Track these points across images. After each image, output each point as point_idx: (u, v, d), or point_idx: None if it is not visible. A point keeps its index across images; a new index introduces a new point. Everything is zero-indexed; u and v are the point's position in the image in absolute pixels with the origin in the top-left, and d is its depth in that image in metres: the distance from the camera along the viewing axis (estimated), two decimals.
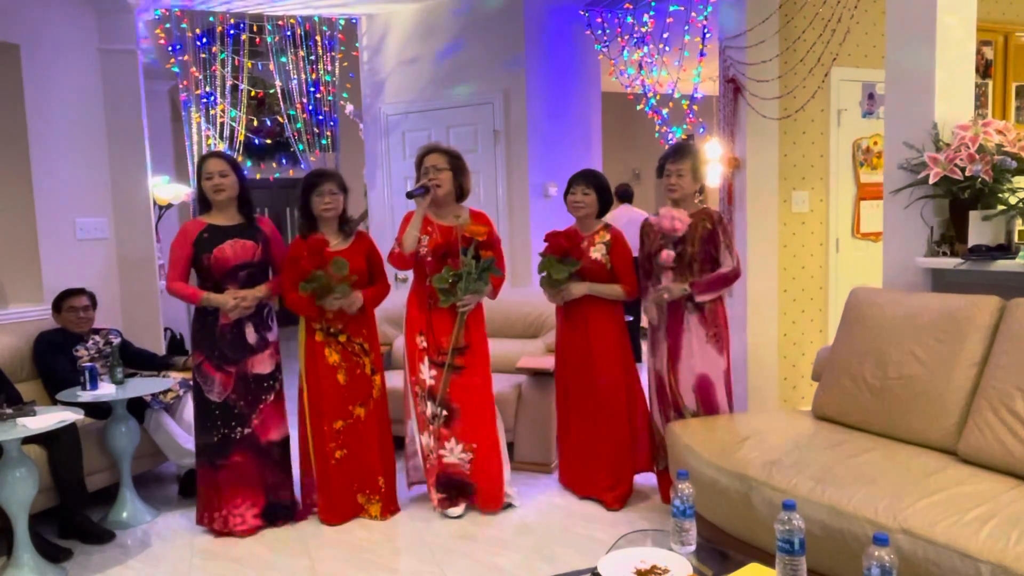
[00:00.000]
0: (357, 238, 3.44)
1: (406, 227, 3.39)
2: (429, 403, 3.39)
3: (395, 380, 3.79)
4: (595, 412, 3.45)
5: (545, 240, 3.54)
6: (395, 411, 3.60)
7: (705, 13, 4.73)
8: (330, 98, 5.96)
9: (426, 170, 3.41)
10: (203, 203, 3.35)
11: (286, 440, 3.45)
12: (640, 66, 5.36)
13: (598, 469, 3.47)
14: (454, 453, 3.38)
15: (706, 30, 4.76)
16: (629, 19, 5.33)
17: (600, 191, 3.47)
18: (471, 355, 3.39)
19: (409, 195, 3.41)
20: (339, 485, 3.38)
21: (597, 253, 3.42)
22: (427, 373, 3.39)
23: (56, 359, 3.69)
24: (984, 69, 4.52)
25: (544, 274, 3.43)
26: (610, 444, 3.44)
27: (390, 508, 3.45)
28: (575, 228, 3.54)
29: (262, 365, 3.33)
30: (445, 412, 3.37)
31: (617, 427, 3.44)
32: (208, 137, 5.81)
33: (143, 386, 3.60)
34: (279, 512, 3.39)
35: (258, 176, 6.84)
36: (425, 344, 3.40)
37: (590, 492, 3.53)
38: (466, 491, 3.42)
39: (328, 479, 3.38)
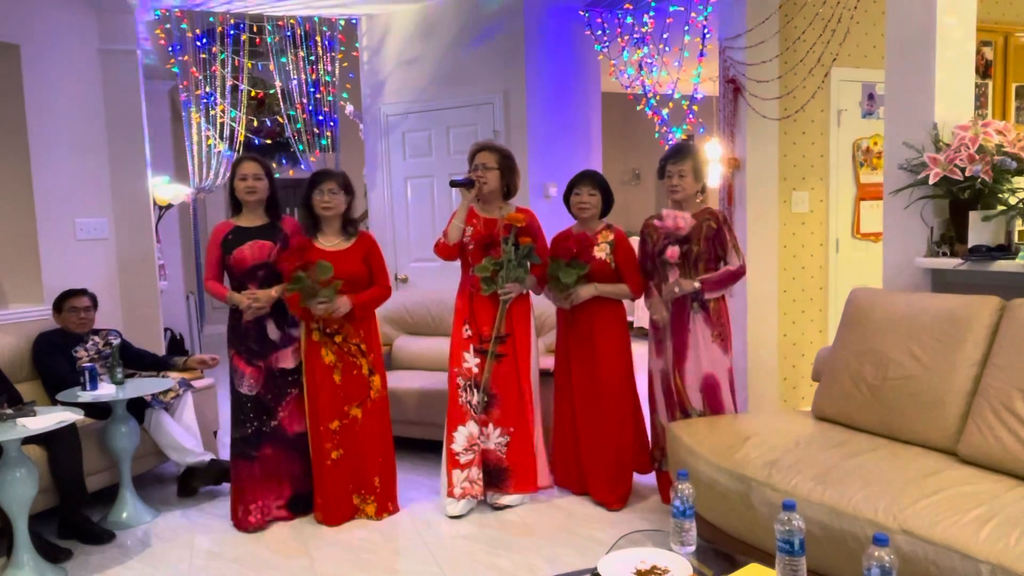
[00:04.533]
0: (359, 239, 3.45)
1: (452, 220, 3.46)
2: (475, 392, 3.43)
3: (394, 381, 3.79)
4: (599, 413, 3.44)
5: (553, 242, 3.56)
6: (394, 412, 3.60)
7: (705, 13, 4.73)
8: (330, 98, 5.96)
9: (475, 167, 3.47)
10: (235, 205, 3.44)
11: (305, 433, 3.49)
12: (640, 66, 5.35)
13: (599, 469, 3.47)
14: (491, 439, 3.43)
15: (706, 30, 4.75)
16: (629, 19, 5.32)
17: (604, 191, 3.49)
18: (512, 343, 3.44)
19: (452, 184, 3.46)
20: (335, 486, 3.38)
21: (601, 253, 3.43)
22: (472, 361, 3.44)
23: (56, 359, 3.69)
24: (984, 69, 4.52)
25: (551, 278, 3.43)
26: (612, 444, 3.44)
27: (387, 508, 3.46)
28: (571, 230, 3.55)
29: (285, 360, 3.41)
30: (486, 399, 3.43)
31: (620, 427, 3.45)
32: (208, 137, 5.81)
33: (143, 386, 3.61)
34: (300, 504, 3.46)
35: None
36: (470, 333, 3.45)
37: (590, 492, 3.53)
38: (503, 476, 3.45)
39: (324, 480, 3.38)
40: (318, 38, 5.84)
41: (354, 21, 5.82)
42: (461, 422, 3.43)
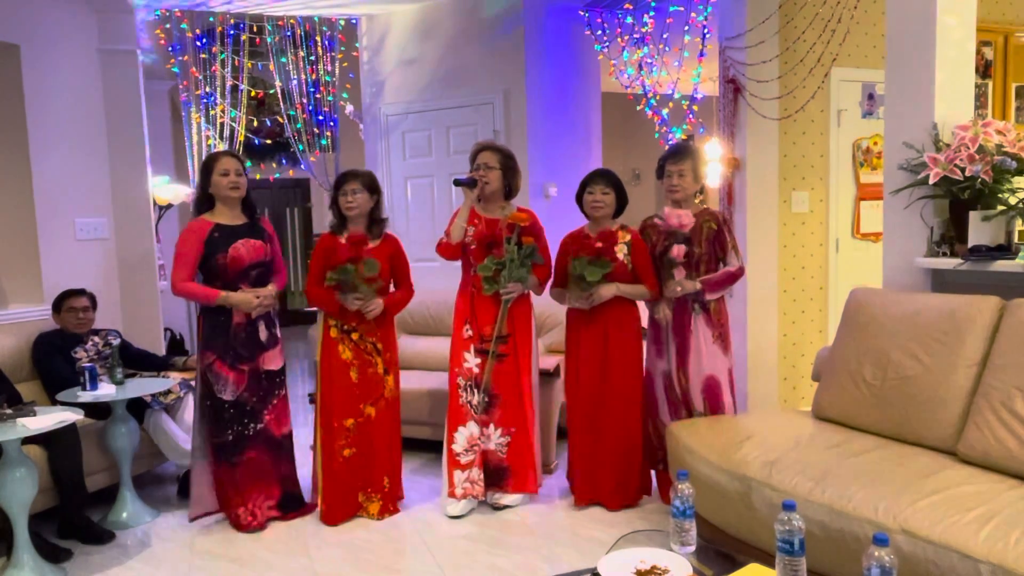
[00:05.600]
0: (384, 240, 3.46)
1: (455, 219, 3.46)
2: (475, 392, 3.43)
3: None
4: (610, 416, 3.39)
5: (565, 242, 3.51)
6: (404, 412, 3.63)
7: (705, 13, 4.73)
8: (330, 98, 5.96)
9: (477, 167, 3.48)
10: (202, 202, 3.33)
11: (291, 433, 3.51)
12: (640, 66, 5.35)
13: (605, 472, 3.42)
14: (492, 439, 3.43)
15: (706, 30, 4.75)
16: (629, 19, 5.32)
17: (618, 190, 3.43)
18: (513, 343, 3.44)
19: (456, 183, 3.47)
20: (343, 484, 3.39)
21: (620, 254, 3.37)
22: (472, 361, 3.44)
23: (55, 360, 3.69)
24: (984, 69, 4.52)
25: (575, 276, 3.34)
26: (621, 448, 3.40)
27: (389, 508, 3.46)
28: (585, 229, 3.51)
29: (273, 361, 3.39)
30: (487, 399, 3.42)
31: (631, 431, 3.41)
32: (208, 137, 5.80)
33: (143, 386, 3.60)
34: (292, 503, 3.46)
35: (258, 176, 6.84)
36: (470, 333, 3.45)
37: (595, 497, 3.48)
38: (503, 476, 3.45)
39: (333, 477, 3.39)
40: (318, 38, 5.84)
41: (354, 21, 5.82)
42: (462, 422, 3.43)
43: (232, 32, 5.69)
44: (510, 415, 3.43)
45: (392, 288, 3.53)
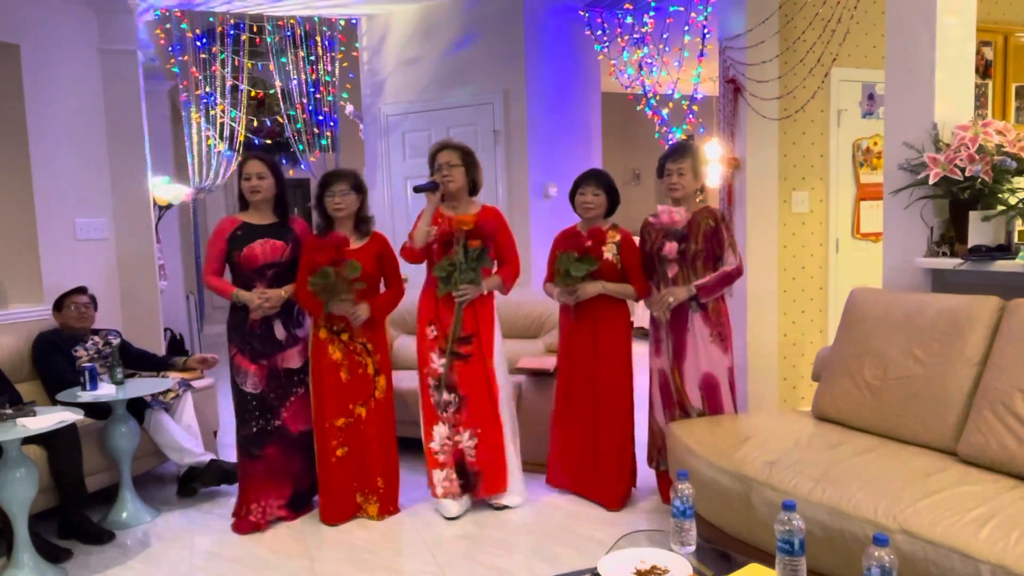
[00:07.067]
0: (371, 239, 3.45)
1: (418, 223, 3.44)
2: (444, 392, 3.42)
3: (395, 381, 3.78)
4: (599, 412, 3.43)
5: (557, 239, 3.53)
6: (395, 412, 3.60)
7: (705, 13, 4.73)
8: (330, 98, 5.96)
9: (439, 167, 3.43)
10: (242, 200, 3.41)
11: (309, 432, 3.51)
12: (640, 66, 5.36)
13: (599, 470, 3.46)
14: (463, 441, 3.43)
15: (706, 30, 4.76)
16: (629, 19, 5.33)
17: (609, 191, 3.45)
18: (477, 343, 3.42)
19: (416, 189, 3.44)
20: (339, 483, 3.39)
21: (608, 253, 3.40)
22: (438, 362, 3.43)
23: (55, 359, 3.69)
24: (984, 69, 4.52)
25: (561, 271, 3.38)
26: (613, 445, 3.43)
27: (388, 509, 3.46)
28: (577, 227, 3.53)
29: (291, 360, 3.41)
30: (456, 399, 3.41)
31: (621, 428, 3.43)
32: (208, 137, 5.81)
33: (143, 386, 3.61)
34: (302, 500, 3.48)
35: None
36: (435, 333, 3.44)
37: (589, 493, 3.52)
38: (475, 480, 3.44)
39: (328, 477, 3.39)
40: (318, 38, 5.85)
41: (354, 21, 5.82)
42: (435, 422, 3.43)
43: (232, 32, 5.70)
44: (477, 415, 3.41)
45: (382, 287, 3.51)
